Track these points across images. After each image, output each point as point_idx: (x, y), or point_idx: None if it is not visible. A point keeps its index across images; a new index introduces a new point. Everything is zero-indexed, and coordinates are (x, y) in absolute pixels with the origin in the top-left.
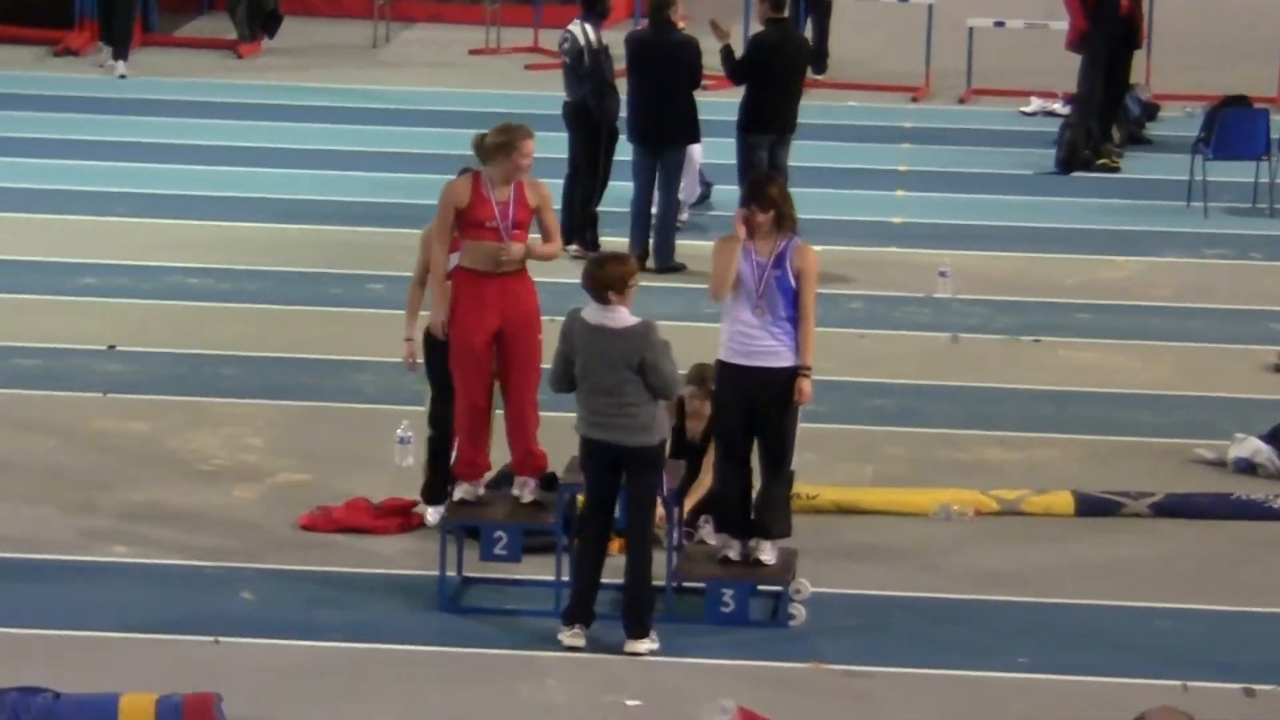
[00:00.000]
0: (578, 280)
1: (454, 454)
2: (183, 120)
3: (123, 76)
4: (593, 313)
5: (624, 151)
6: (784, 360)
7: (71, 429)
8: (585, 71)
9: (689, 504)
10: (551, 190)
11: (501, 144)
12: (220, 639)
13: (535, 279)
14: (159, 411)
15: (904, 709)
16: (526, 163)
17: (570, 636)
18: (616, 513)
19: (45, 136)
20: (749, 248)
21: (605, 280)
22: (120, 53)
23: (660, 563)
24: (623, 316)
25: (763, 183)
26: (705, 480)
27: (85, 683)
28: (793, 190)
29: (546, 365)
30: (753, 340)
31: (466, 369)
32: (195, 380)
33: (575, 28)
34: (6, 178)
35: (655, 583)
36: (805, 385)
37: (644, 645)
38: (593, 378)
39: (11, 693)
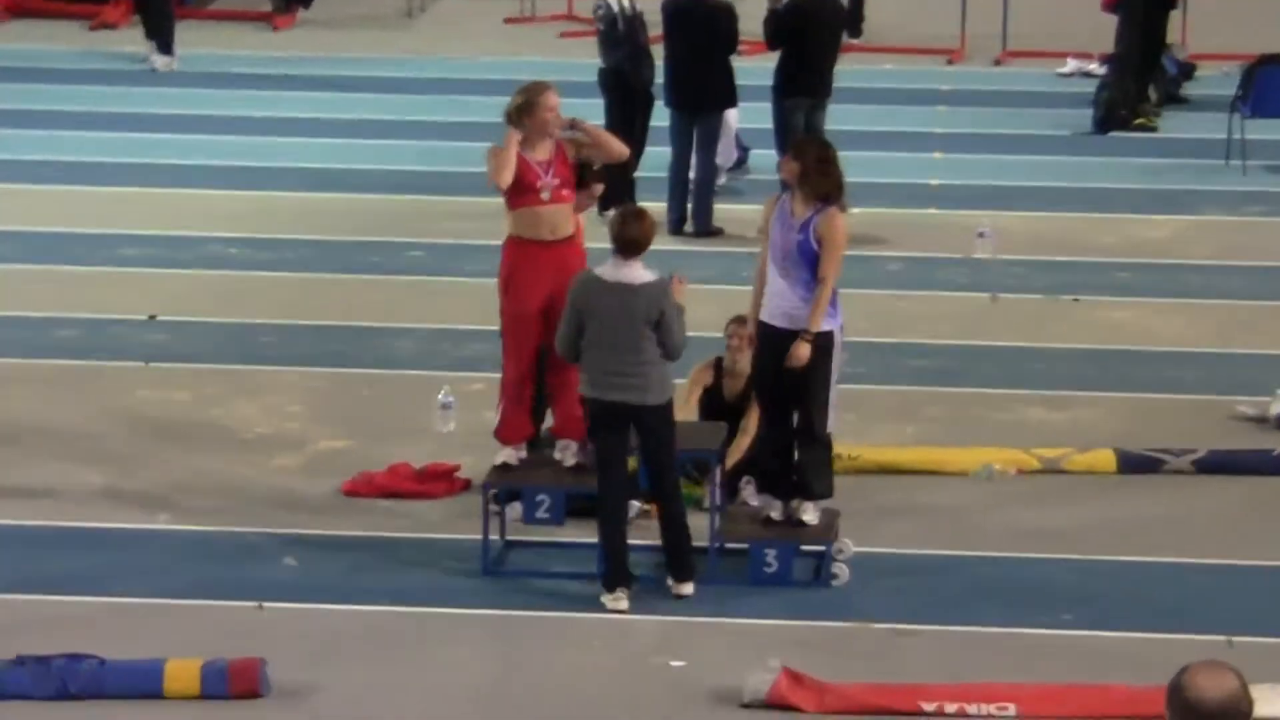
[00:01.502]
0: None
1: (497, 419)
2: (219, 92)
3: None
4: (609, 270)
5: (660, 117)
6: (804, 324)
7: (113, 399)
8: (620, 37)
9: (729, 464)
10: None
11: (523, 104)
12: (264, 605)
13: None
14: (200, 381)
15: (948, 667)
16: (553, 115)
17: (613, 600)
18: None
19: (83, 109)
20: (786, 210)
21: (644, 237)
22: (164, 46)
23: (703, 525)
24: (640, 272)
25: (807, 144)
26: (744, 441)
27: (130, 649)
28: None
29: None
30: (781, 301)
31: (519, 337)
32: (236, 349)
33: None
34: (46, 151)
35: (698, 544)
36: (800, 349)
37: (691, 588)
38: (609, 335)
39: (59, 659)
